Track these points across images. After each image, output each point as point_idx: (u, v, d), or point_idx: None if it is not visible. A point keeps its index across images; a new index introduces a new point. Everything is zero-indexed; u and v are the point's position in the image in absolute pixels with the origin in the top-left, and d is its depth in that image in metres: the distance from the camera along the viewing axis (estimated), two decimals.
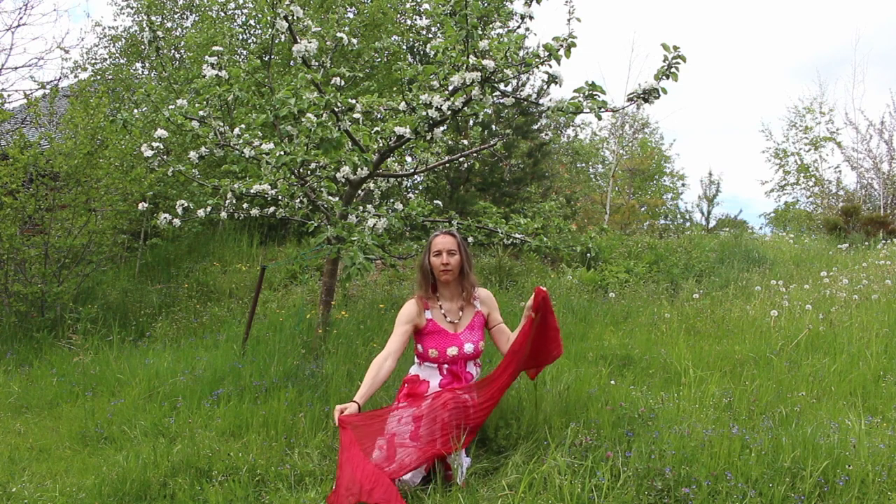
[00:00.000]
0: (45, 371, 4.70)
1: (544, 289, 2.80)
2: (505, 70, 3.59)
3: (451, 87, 3.69)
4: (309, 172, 4.66)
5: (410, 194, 10.23)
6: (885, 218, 12.61)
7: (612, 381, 4.01)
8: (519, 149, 11.16)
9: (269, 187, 4.46)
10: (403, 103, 3.99)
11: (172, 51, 11.89)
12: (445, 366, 2.89)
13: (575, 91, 3.55)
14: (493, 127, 10.69)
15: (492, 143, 5.28)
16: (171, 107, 4.30)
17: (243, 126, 4.63)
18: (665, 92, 3.31)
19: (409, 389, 2.88)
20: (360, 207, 4.67)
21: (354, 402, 2.61)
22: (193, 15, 13.02)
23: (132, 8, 12.96)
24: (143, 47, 12.43)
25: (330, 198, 4.74)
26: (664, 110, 41.34)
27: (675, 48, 3.23)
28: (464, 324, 2.95)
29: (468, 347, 2.90)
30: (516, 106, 10.24)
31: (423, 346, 2.91)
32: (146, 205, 4.81)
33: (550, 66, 3.55)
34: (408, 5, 12.55)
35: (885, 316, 5.51)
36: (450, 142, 5.20)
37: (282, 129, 4.34)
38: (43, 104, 7.40)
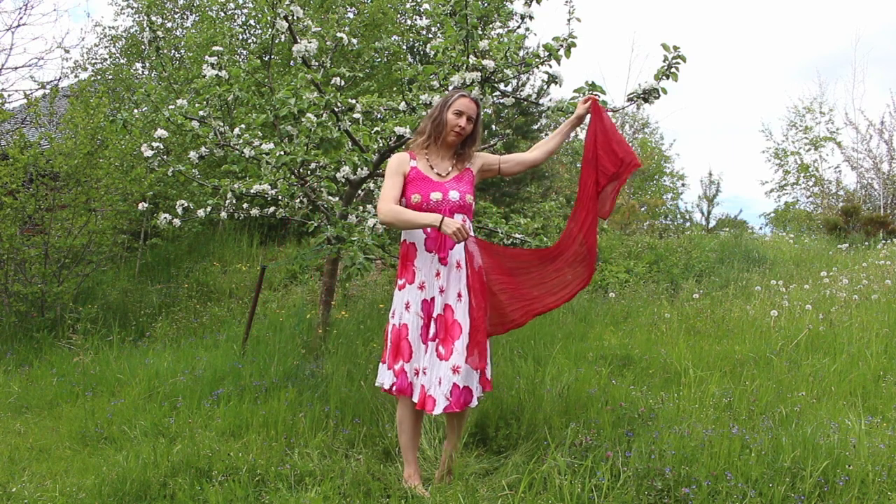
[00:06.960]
0: (45, 371, 4.70)
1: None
2: (505, 70, 3.59)
3: (450, 87, 3.69)
4: (309, 172, 4.65)
5: None
6: (885, 218, 12.61)
7: (613, 381, 4.01)
8: (519, 149, 11.16)
9: (269, 187, 4.46)
10: (403, 103, 3.99)
11: (172, 51, 11.88)
12: None
13: (575, 91, 3.55)
14: (493, 127, 10.69)
15: (492, 143, 5.27)
16: (171, 107, 4.29)
17: (243, 126, 4.62)
18: (665, 92, 3.31)
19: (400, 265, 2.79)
20: (360, 207, 4.67)
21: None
22: (193, 15, 13.00)
23: (132, 8, 12.94)
24: (143, 47, 12.41)
25: (330, 198, 4.74)
26: (664, 110, 41.24)
27: (675, 48, 3.23)
28: (451, 176, 2.79)
29: (453, 195, 2.71)
30: (516, 106, 10.23)
31: (406, 194, 2.74)
32: (146, 205, 4.80)
33: (550, 66, 3.56)
34: (408, 5, 12.54)
35: (885, 316, 5.51)
36: None
37: (282, 129, 4.34)
38: (43, 104, 7.40)
